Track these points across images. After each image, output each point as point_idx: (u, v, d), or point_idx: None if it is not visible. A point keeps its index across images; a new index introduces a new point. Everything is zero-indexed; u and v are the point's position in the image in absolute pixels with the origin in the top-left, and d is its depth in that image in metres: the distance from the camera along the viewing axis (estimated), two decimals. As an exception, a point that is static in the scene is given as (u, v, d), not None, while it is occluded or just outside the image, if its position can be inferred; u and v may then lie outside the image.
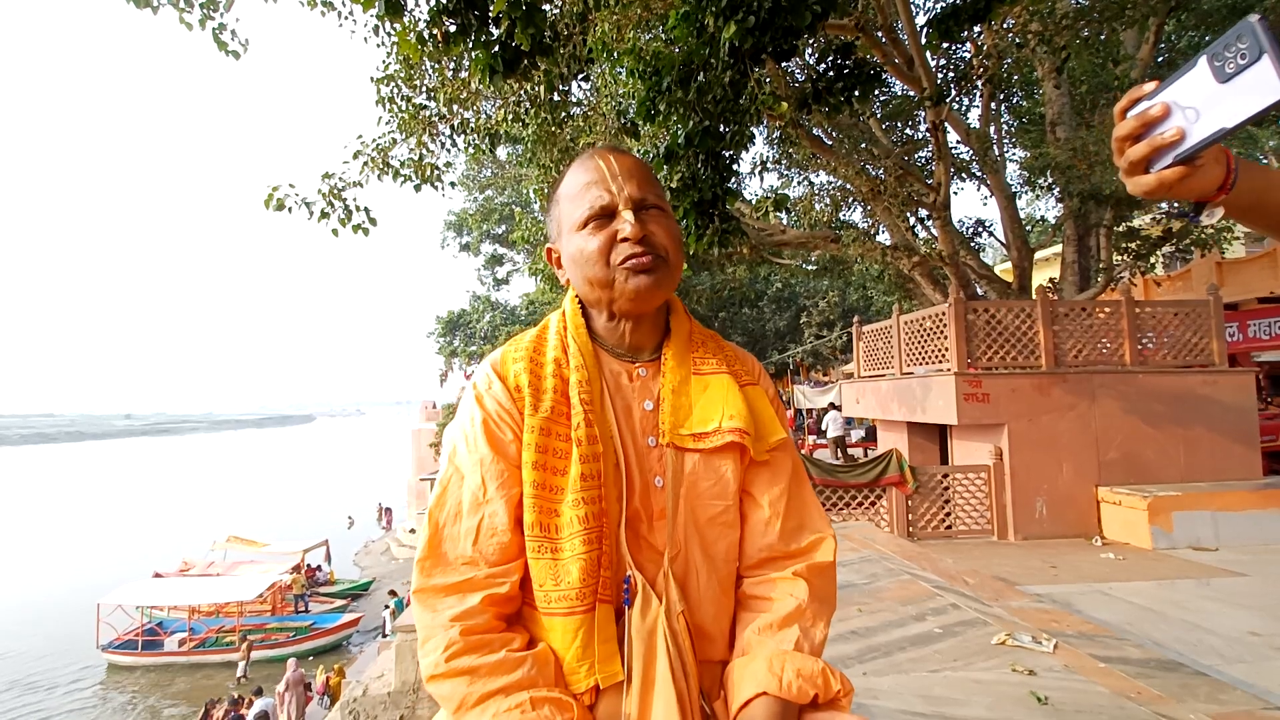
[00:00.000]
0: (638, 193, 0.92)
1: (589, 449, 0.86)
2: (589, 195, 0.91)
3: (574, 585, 0.82)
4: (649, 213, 0.92)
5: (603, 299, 0.92)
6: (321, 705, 11.29)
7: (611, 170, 0.92)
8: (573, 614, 0.83)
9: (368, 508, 29.43)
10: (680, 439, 0.91)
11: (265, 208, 5.63)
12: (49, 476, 64.66)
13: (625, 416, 0.93)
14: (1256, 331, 11.44)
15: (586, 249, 0.90)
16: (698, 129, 3.93)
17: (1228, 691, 2.56)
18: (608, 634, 0.84)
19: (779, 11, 3.36)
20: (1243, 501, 6.49)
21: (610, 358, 0.96)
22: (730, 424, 0.91)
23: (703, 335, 1.02)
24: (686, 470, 0.91)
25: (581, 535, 0.83)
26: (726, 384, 0.96)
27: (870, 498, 7.54)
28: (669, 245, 0.92)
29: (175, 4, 4.53)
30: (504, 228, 22.43)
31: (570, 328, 0.96)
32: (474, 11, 3.88)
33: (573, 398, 0.89)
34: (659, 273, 0.90)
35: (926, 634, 3.14)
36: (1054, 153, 8.38)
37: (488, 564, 0.85)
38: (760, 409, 0.97)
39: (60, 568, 23.73)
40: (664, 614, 0.85)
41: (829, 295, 20.32)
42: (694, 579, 0.90)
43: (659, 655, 0.83)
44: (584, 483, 0.85)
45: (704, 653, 0.92)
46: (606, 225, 0.90)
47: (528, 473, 0.86)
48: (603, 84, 7.18)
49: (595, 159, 0.94)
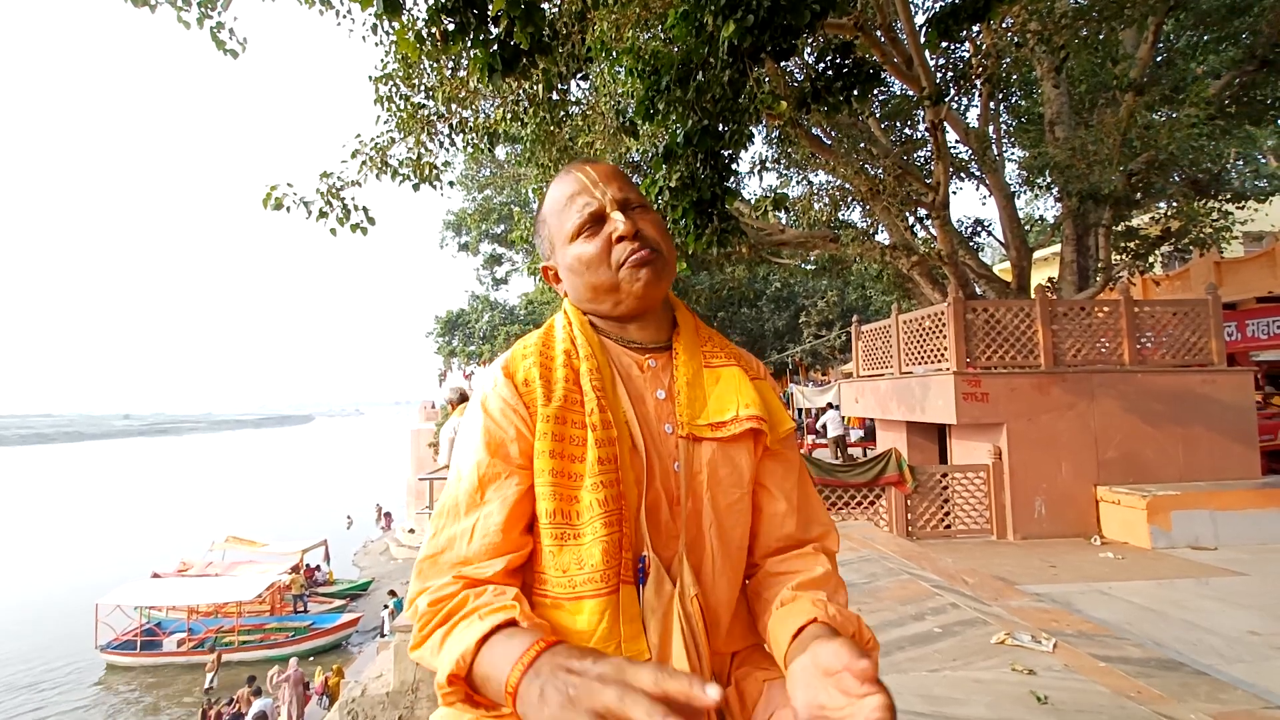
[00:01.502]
0: (620, 194, 0.94)
1: (604, 434, 0.87)
2: (576, 205, 0.94)
3: (598, 567, 0.83)
4: (635, 211, 0.94)
5: (608, 302, 0.94)
6: (320, 706, 11.28)
7: (591, 178, 0.95)
8: (599, 595, 0.83)
9: (367, 508, 29.38)
10: (698, 429, 0.93)
11: (263, 207, 5.62)
12: (47, 477, 64.57)
13: (639, 404, 0.94)
14: (1255, 331, 11.45)
15: (585, 255, 0.92)
16: (696, 128, 3.92)
17: (1228, 691, 2.56)
18: (632, 614, 0.85)
19: (778, 10, 3.35)
20: (1242, 501, 6.50)
21: (619, 350, 0.97)
22: (747, 412, 0.94)
23: (708, 331, 1.05)
24: (706, 459, 0.93)
25: (602, 518, 0.84)
26: (738, 375, 0.98)
27: (869, 497, 7.54)
28: (660, 239, 0.95)
29: (173, 3, 4.51)
30: (503, 227, 22.44)
31: (575, 323, 0.97)
32: (473, 10, 3.87)
33: (584, 385, 0.90)
34: (658, 265, 0.93)
35: (926, 633, 3.14)
36: (1053, 152, 8.38)
37: (476, 562, 0.86)
38: (770, 400, 1.00)
39: (59, 568, 23.68)
40: (678, 597, 0.86)
41: (828, 295, 20.33)
42: (709, 565, 0.91)
43: (674, 636, 0.84)
44: (601, 466, 0.85)
45: (714, 642, 0.92)
46: (599, 230, 0.93)
47: (544, 462, 0.86)
48: (601, 83, 7.17)
49: (573, 172, 0.97)
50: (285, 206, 5.75)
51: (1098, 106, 9.08)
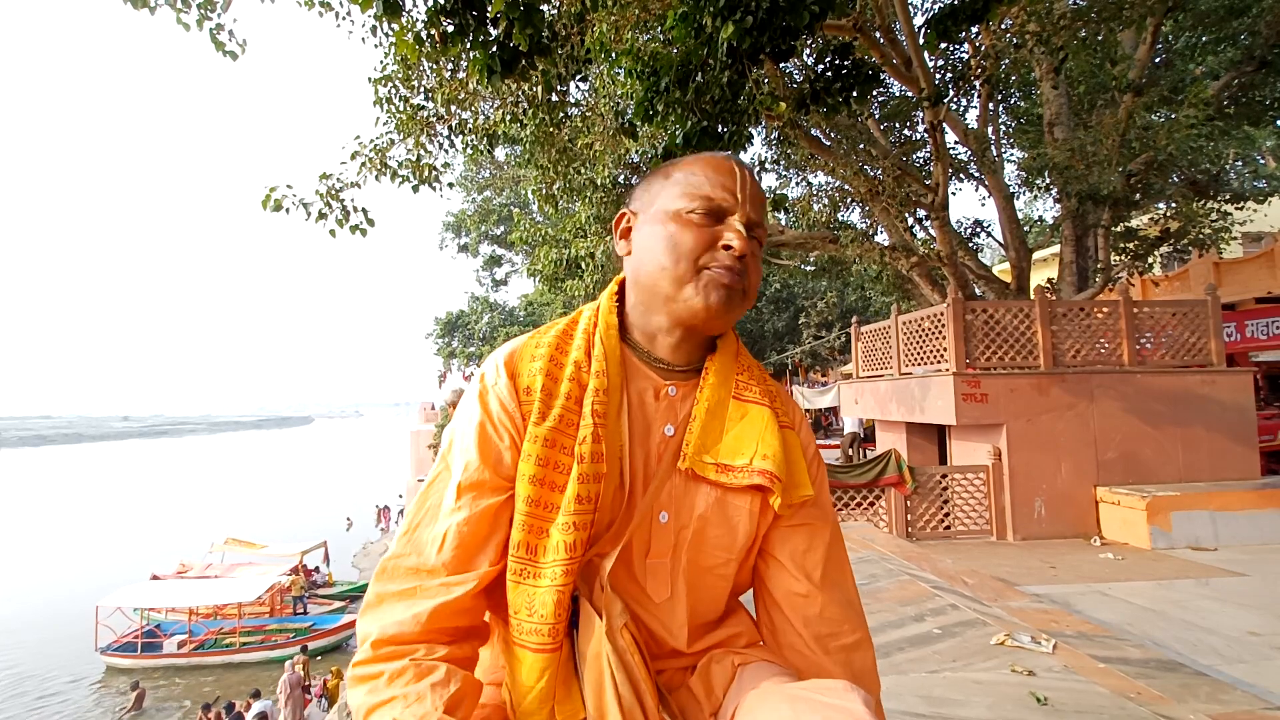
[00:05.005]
0: (755, 216, 0.85)
1: (590, 468, 0.78)
2: (711, 189, 0.83)
3: (547, 619, 0.75)
4: (753, 241, 0.84)
5: (663, 294, 0.83)
6: (320, 708, 11.28)
7: (741, 181, 0.85)
8: (542, 650, 0.75)
9: (366, 509, 29.38)
10: (702, 466, 0.82)
11: (263, 208, 5.62)
12: (46, 478, 64.50)
13: (641, 439, 0.84)
14: (1254, 331, 11.47)
15: (681, 236, 0.81)
16: (696, 129, 3.93)
17: (1228, 691, 2.56)
18: (568, 671, 0.79)
19: (777, 11, 3.36)
20: (1241, 501, 6.49)
21: (640, 368, 0.86)
22: (761, 464, 0.82)
23: (749, 359, 0.93)
24: (699, 510, 0.83)
25: (563, 564, 0.76)
26: (766, 418, 0.86)
27: (869, 498, 7.53)
28: (754, 282, 0.85)
29: (173, 4, 4.51)
30: (502, 229, 22.42)
31: (601, 326, 0.86)
32: (472, 12, 3.88)
33: (585, 407, 0.80)
34: (736, 297, 0.82)
35: (925, 634, 3.14)
36: (1052, 153, 8.39)
37: (447, 572, 0.78)
38: (794, 458, 0.86)
39: (58, 570, 23.65)
40: (604, 633, 0.77)
41: (827, 296, 20.33)
42: (666, 605, 0.85)
43: (605, 684, 0.75)
44: (578, 505, 0.77)
45: (663, 648, 0.87)
46: (712, 225, 0.82)
47: (524, 487, 0.78)
48: (601, 84, 7.18)
49: (731, 163, 0.86)
50: (284, 208, 5.75)
51: (1097, 107, 9.09)
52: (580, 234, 9.05)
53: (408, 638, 0.75)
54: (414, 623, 0.75)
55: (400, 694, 0.70)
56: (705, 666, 0.88)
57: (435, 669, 0.73)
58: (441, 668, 0.73)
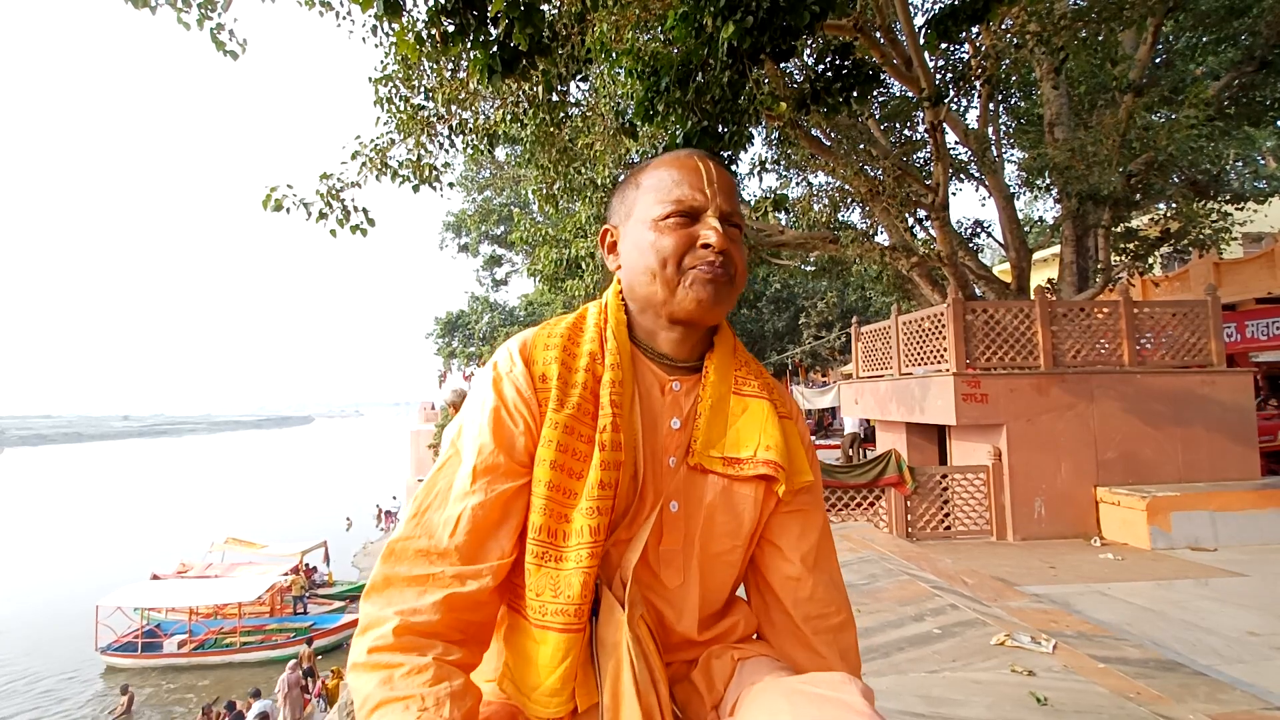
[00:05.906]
0: (727, 206, 0.87)
1: (611, 455, 0.81)
2: (680, 191, 0.86)
3: (574, 600, 0.77)
4: (731, 230, 0.88)
5: (657, 298, 0.86)
6: (320, 709, 11.27)
7: (709, 176, 0.88)
8: (567, 630, 0.77)
9: (366, 509, 29.39)
10: (709, 461, 0.86)
11: (263, 208, 5.62)
12: (47, 478, 64.51)
13: (650, 431, 0.87)
14: (1254, 332, 11.47)
15: (661, 243, 0.85)
16: (696, 129, 3.93)
17: (1227, 691, 2.56)
18: (587, 655, 0.80)
19: (777, 11, 3.36)
20: (1241, 501, 6.49)
21: (646, 364, 0.90)
22: (766, 454, 0.86)
23: (745, 355, 0.97)
24: (707, 499, 0.86)
25: (588, 546, 0.78)
26: (766, 410, 0.90)
27: (869, 498, 7.53)
28: (739, 266, 0.88)
29: (173, 4, 4.51)
30: (503, 229, 22.42)
31: (611, 322, 0.89)
32: (472, 11, 3.88)
33: (603, 398, 0.83)
34: (724, 289, 0.86)
35: (925, 634, 3.14)
36: (1052, 153, 8.39)
37: (461, 560, 0.77)
38: (794, 446, 0.91)
39: (58, 569, 23.66)
40: (625, 622, 0.79)
41: (827, 296, 20.34)
42: (679, 591, 0.87)
43: (624, 671, 0.77)
44: (601, 490, 0.79)
45: (673, 637, 0.89)
46: (688, 226, 0.86)
47: (543, 472, 0.80)
48: (601, 84, 7.18)
49: (695, 159, 0.89)
50: (285, 208, 5.76)
51: (1097, 108, 9.08)
52: (580, 234, 9.05)
53: (426, 628, 0.74)
54: (433, 610, 0.75)
55: (417, 694, 0.69)
56: (706, 661, 0.90)
57: (455, 675, 0.73)
58: (461, 676, 0.73)
